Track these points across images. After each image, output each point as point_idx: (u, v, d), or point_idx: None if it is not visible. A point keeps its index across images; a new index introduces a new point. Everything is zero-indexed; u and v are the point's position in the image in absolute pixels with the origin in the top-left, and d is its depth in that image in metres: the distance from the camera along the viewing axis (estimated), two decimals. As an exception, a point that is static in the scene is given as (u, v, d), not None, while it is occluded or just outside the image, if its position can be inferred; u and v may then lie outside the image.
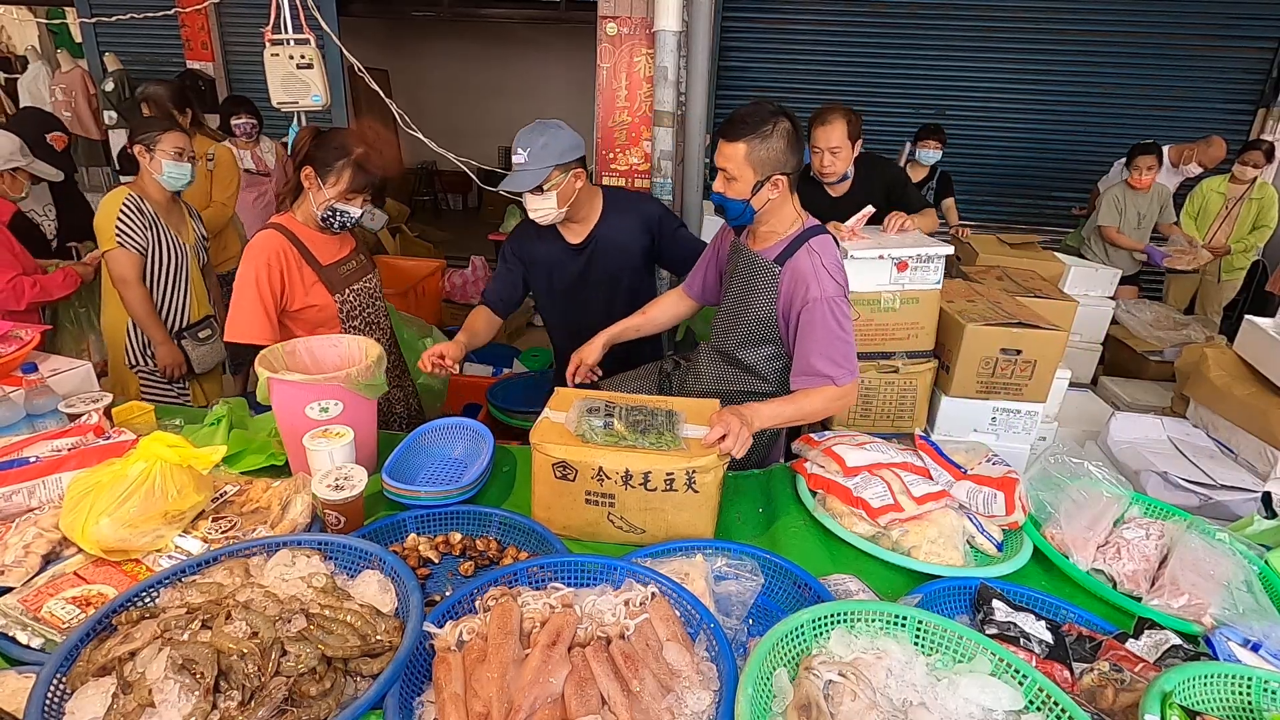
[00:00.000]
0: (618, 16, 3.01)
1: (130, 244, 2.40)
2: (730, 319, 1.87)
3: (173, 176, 2.48)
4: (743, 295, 1.81)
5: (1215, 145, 4.60)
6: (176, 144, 2.47)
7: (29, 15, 7.62)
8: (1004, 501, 1.47)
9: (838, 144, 2.59)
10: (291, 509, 1.35)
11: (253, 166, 4.03)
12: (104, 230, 2.40)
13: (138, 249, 2.42)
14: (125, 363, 2.53)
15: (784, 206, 1.72)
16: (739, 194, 1.66)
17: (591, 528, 1.43)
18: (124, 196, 2.42)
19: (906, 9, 5.67)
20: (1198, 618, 1.27)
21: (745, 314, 1.81)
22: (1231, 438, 2.24)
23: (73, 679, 0.95)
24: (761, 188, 1.63)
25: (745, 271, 1.81)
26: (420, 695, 1.02)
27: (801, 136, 1.66)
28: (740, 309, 1.82)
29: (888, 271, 2.16)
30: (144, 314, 2.47)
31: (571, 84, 8.95)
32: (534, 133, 1.96)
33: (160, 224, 2.49)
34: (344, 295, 2.04)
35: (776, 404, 1.63)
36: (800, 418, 1.69)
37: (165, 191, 2.53)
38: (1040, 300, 2.47)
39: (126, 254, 2.40)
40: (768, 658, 0.98)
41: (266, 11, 3.42)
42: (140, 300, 2.45)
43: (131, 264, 2.42)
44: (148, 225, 2.44)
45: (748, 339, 1.83)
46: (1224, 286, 4.71)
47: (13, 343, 1.87)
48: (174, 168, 2.47)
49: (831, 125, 2.58)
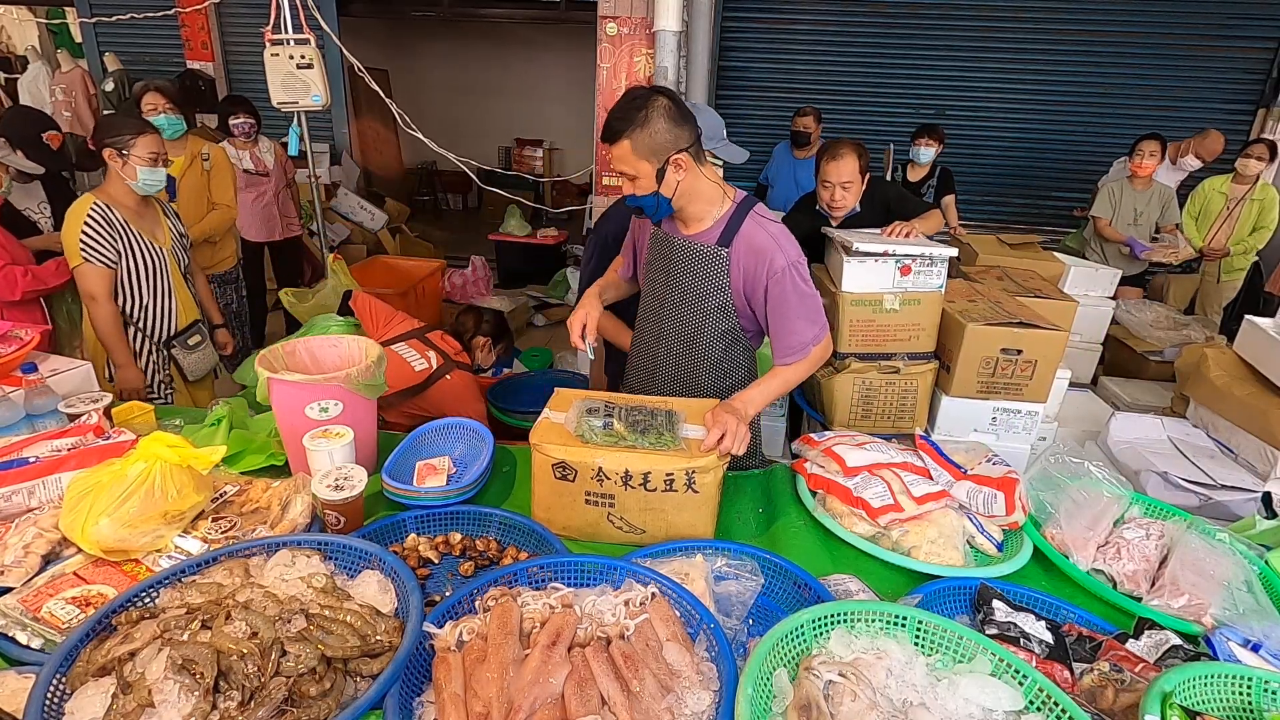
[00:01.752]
0: (618, 16, 3.01)
1: (97, 259, 2.25)
2: (677, 311, 1.80)
3: (147, 183, 2.33)
4: (689, 285, 1.75)
5: (1212, 138, 4.58)
6: (151, 148, 2.31)
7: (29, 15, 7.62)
8: (1004, 501, 1.47)
9: (849, 178, 2.54)
10: (291, 509, 1.35)
11: (251, 166, 4.03)
12: (69, 245, 2.26)
13: (105, 263, 2.27)
14: (106, 376, 2.41)
15: (698, 183, 1.64)
16: (646, 189, 1.59)
17: (591, 528, 1.43)
18: (88, 207, 2.26)
19: (906, 9, 5.67)
20: (1198, 618, 1.27)
21: (699, 304, 1.76)
22: (1231, 438, 2.23)
23: (72, 679, 0.95)
24: (665, 174, 1.57)
25: (685, 261, 1.73)
26: (420, 695, 1.02)
27: (684, 107, 1.58)
28: (690, 299, 1.76)
29: (891, 274, 2.16)
30: (109, 332, 2.33)
31: (571, 84, 8.96)
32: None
33: (131, 231, 2.34)
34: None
35: (764, 384, 1.65)
36: (788, 389, 1.72)
37: (135, 195, 2.37)
38: (1040, 300, 2.47)
39: (94, 269, 2.25)
40: (768, 658, 0.98)
41: (266, 11, 3.43)
42: (106, 318, 2.31)
43: (99, 279, 2.27)
44: (116, 235, 2.29)
45: (702, 327, 1.79)
46: (1223, 287, 4.70)
47: (13, 343, 1.87)
48: (149, 174, 2.32)
49: (843, 160, 2.53)
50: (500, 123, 9.47)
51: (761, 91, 6.02)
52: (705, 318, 1.77)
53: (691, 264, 1.73)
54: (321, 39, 3.60)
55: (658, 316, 1.86)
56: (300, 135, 3.86)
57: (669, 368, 1.89)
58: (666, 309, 1.82)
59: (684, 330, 1.82)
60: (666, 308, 1.82)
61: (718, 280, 1.71)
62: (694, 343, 1.82)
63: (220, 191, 3.50)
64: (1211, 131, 4.61)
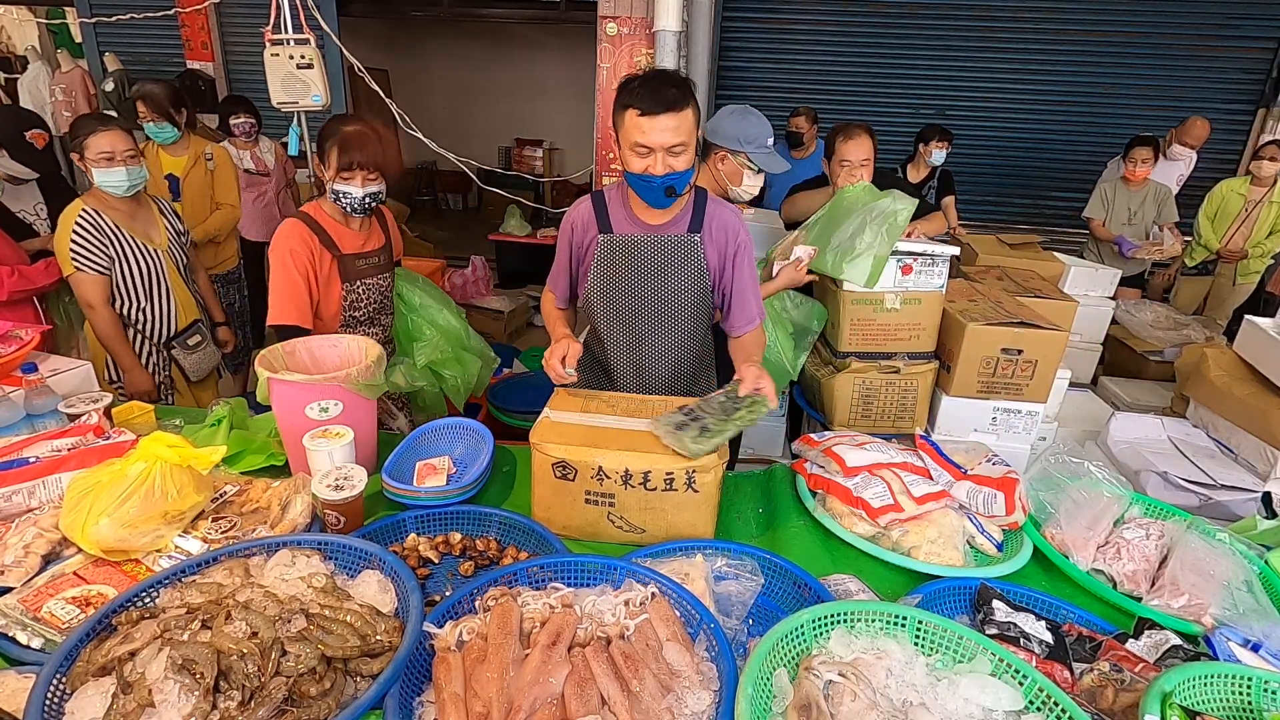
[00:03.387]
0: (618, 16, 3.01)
1: (89, 266, 2.21)
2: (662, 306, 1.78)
3: (106, 184, 2.22)
4: (669, 279, 1.75)
5: (1195, 124, 4.61)
6: (102, 147, 2.18)
7: (29, 15, 7.62)
8: (1004, 502, 1.47)
9: (866, 156, 2.52)
10: (291, 509, 1.35)
11: (252, 166, 4.03)
12: (61, 253, 2.22)
13: (98, 270, 2.23)
14: (105, 378, 2.40)
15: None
16: (688, 164, 1.58)
17: (591, 527, 1.43)
18: (77, 213, 2.20)
19: (906, 9, 5.67)
20: (1198, 618, 1.27)
21: (682, 295, 1.77)
22: (1231, 438, 2.23)
23: (73, 679, 0.95)
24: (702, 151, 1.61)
25: (661, 255, 1.73)
26: (420, 695, 1.02)
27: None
28: (672, 292, 1.76)
29: (892, 274, 2.16)
30: (110, 338, 2.30)
31: (571, 84, 8.95)
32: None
33: (123, 235, 2.28)
34: (353, 285, 2.08)
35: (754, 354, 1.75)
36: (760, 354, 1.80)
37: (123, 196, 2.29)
38: (1040, 300, 2.47)
39: (87, 277, 2.22)
40: (768, 658, 0.98)
41: (266, 11, 3.42)
42: (105, 324, 2.28)
43: (94, 286, 2.23)
44: (107, 240, 2.24)
45: (687, 316, 1.81)
46: (1239, 290, 4.62)
47: (13, 343, 1.87)
48: (104, 175, 2.20)
49: (859, 139, 2.52)
50: (500, 123, 9.47)
51: (761, 91, 6.02)
52: (688, 307, 1.79)
53: (670, 257, 1.74)
54: (321, 39, 3.59)
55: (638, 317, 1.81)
56: (300, 135, 3.86)
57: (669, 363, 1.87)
58: (647, 308, 1.79)
59: (670, 323, 1.82)
60: (647, 306, 1.79)
61: (697, 266, 1.74)
62: (683, 332, 1.84)
63: (224, 191, 3.51)
64: (1193, 118, 4.64)
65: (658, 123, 1.52)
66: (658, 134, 1.53)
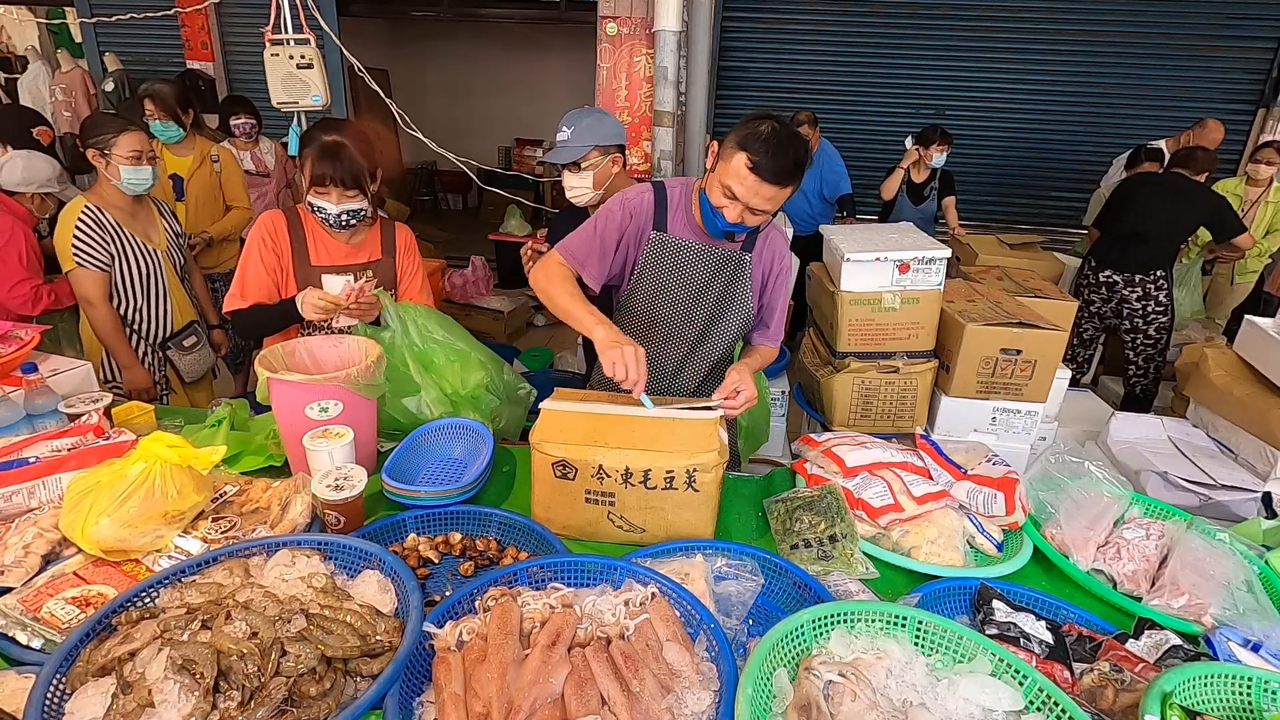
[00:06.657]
0: (618, 16, 3.02)
1: (90, 263, 2.23)
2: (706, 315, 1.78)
3: (132, 182, 2.28)
4: (720, 291, 1.75)
5: (1211, 127, 4.52)
6: (133, 146, 2.24)
7: (29, 15, 7.60)
8: (1004, 501, 1.47)
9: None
10: (291, 509, 1.35)
11: (252, 167, 4.03)
12: (62, 249, 2.23)
13: (99, 266, 2.25)
14: (101, 377, 2.39)
15: None
16: (760, 222, 1.60)
17: (591, 527, 1.43)
18: (79, 210, 2.23)
19: (906, 9, 5.67)
20: (1198, 618, 1.27)
21: (730, 308, 1.78)
22: (1231, 438, 2.23)
23: (72, 679, 0.95)
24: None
25: (714, 268, 1.73)
26: (420, 695, 1.02)
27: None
28: (721, 305, 1.78)
29: (889, 273, 2.16)
30: (110, 335, 2.32)
31: (571, 84, 8.95)
32: (580, 113, 2.09)
33: (124, 233, 2.31)
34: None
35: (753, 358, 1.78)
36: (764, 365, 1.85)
37: (127, 195, 2.33)
38: (1040, 300, 2.48)
39: (88, 274, 2.24)
40: (768, 658, 0.98)
41: (266, 11, 3.43)
42: (105, 321, 2.30)
43: (94, 283, 2.26)
44: (109, 239, 2.27)
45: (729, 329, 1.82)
46: (1237, 289, 4.64)
47: (13, 343, 1.87)
48: (132, 173, 2.25)
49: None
50: (500, 123, 9.46)
51: (761, 91, 6.02)
52: (732, 321, 1.81)
53: (719, 271, 1.75)
54: (321, 39, 3.60)
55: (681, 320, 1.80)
56: (301, 135, 3.86)
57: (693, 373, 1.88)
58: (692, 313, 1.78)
59: (708, 335, 1.83)
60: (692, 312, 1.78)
61: (743, 284, 1.77)
62: (718, 342, 1.85)
63: (235, 194, 3.54)
64: (1209, 121, 4.57)
65: (763, 189, 1.48)
66: (755, 197, 1.49)
